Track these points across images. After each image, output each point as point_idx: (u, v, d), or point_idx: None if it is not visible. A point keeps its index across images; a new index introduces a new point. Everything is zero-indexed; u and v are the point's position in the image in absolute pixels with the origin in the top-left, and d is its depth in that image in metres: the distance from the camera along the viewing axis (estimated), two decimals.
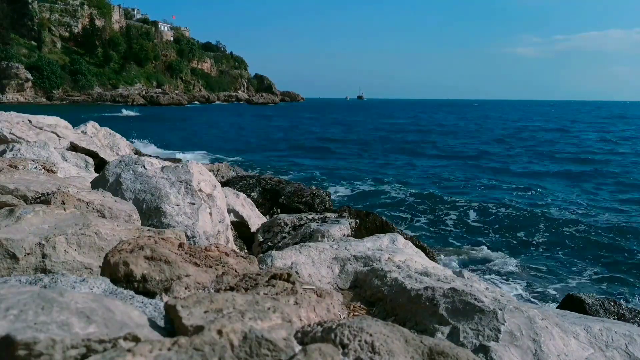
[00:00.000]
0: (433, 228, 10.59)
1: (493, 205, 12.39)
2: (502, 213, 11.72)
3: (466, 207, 12.22)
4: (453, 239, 9.74)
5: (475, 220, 11.18)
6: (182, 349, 0.85)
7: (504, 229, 10.50)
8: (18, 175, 2.87)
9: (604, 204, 13.25)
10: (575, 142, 31.23)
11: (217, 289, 1.49)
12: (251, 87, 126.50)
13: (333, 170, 18.16)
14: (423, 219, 11.41)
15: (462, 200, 13.03)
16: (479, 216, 11.49)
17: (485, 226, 10.72)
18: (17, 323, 0.84)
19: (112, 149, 7.70)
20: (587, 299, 4.29)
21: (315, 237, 4.10)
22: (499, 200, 13.13)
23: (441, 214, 11.73)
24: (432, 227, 10.64)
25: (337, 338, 1.04)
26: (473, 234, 10.16)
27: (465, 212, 11.79)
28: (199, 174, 3.41)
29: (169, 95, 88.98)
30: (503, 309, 1.97)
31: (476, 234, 10.15)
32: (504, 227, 10.64)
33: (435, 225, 10.79)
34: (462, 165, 20.60)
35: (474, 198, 13.50)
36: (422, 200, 13.03)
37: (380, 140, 31.31)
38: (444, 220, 11.19)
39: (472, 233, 10.24)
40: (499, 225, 10.76)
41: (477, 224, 10.87)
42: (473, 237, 9.88)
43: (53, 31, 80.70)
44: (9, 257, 1.64)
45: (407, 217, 11.47)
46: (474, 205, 12.46)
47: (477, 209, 12.05)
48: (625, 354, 2.01)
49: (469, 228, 10.61)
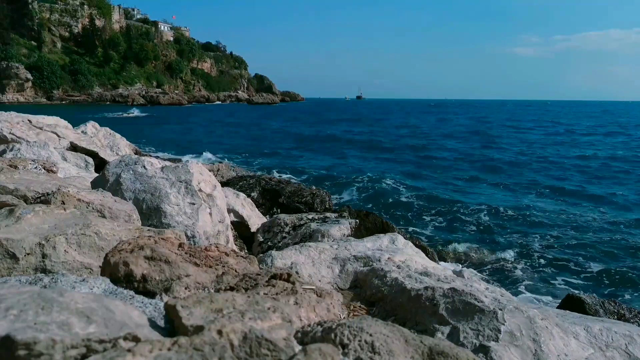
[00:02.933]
0: (433, 228, 10.60)
1: (493, 205, 12.40)
2: (502, 213, 11.73)
3: (466, 207, 12.22)
4: (453, 239, 9.74)
5: (476, 220, 11.18)
6: (182, 349, 0.85)
7: (503, 229, 10.50)
8: (18, 175, 2.87)
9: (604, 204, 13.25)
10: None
11: (217, 289, 1.49)
12: (251, 87, 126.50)
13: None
14: (423, 218, 11.41)
15: (463, 200, 13.04)
16: (479, 216, 11.49)
17: (485, 226, 10.72)
18: (17, 323, 0.84)
19: (112, 149, 7.71)
20: (587, 299, 4.29)
21: (315, 237, 4.10)
22: (499, 200, 13.13)
23: (441, 214, 11.73)
24: (432, 227, 10.64)
25: (337, 338, 1.04)
26: (473, 234, 10.16)
27: (465, 213, 11.79)
28: (199, 174, 3.41)
29: (169, 95, 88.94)
30: (503, 309, 1.97)
31: (476, 234, 10.15)
32: (504, 227, 10.64)
33: (435, 225, 10.79)
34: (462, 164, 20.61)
35: (475, 198, 13.51)
36: (422, 200, 13.04)
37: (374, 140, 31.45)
38: (444, 220, 11.19)
39: (472, 233, 10.24)
40: (499, 226, 10.76)
41: (477, 224, 10.87)
42: (473, 237, 9.88)
43: (53, 31, 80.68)
44: (9, 257, 1.64)
45: (407, 217, 11.47)
46: (474, 205, 12.47)
47: (477, 209, 12.06)
48: (625, 354, 2.01)
49: (469, 228, 10.61)
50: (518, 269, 8.08)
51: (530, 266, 8.25)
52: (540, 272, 8.04)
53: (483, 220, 11.13)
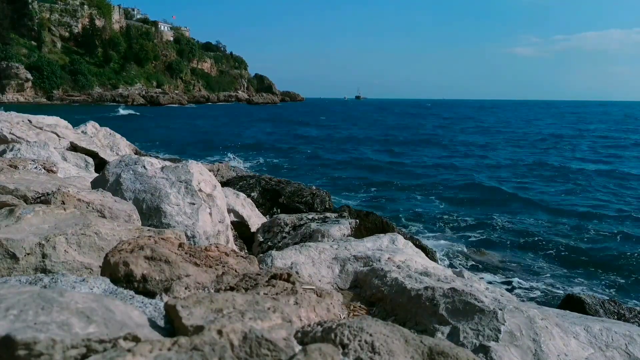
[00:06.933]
0: (433, 228, 10.60)
1: (493, 206, 12.40)
2: (502, 213, 11.73)
3: (466, 208, 12.23)
4: (453, 239, 9.74)
5: (476, 220, 11.18)
6: (182, 349, 0.85)
7: (504, 229, 10.50)
8: (18, 175, 2.87)
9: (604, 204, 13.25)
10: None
11: (217, 289, 1.49)
12: (251, 87, 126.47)
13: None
14: (423, 218, 11.41)
15: (463, 201, 13.04)
16: (479, 216, 11.49)
17: (485, 226, 10.73)
18: (17, 323, 0.84)
19: (112, 149, 7.71)
20: (587, 299, 4.29)
21: (315, 237, 4.10)
22: (499, 200, 13.14)
23: (442, 214, 11.73)
24: (432, 227, 10.64)
25: (337, 338, 1.04)
26: (473, 234, 10.16)
27: (465, 213, 11.80)
28: (199, 174, 3.41)
29: (169, 95, 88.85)
30: (503, 309, 1.97)
31: (476, 234, 10.15)
32: (504, 227, 10.64)
33: (435, 225, 10.79)
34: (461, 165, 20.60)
35: (474, 199, 13.51)
36: (423, 200, 13.04)
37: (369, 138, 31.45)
38: (445, 220, 11.19)
39: (472, 233, 10.24)
40: (499, 225, 10.76)
41: (477, 224, 10.87)
42: (473, 237, 9.88)
43: (53, 31, 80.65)
44: (9, 257, 1.64)
45: (407, 217, 11.47)
46: (474, 205, 12.47)
47: (477, 210, 12.06)
48: (625, 354, 2.01)
49: (470, 228, 10.61)
50: (518, 269, 8.08)
51: (531, 266, 8.25)
52: (541, 272, 8.04)
53: (483, 221, 11.13)
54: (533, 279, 7.70)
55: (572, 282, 7.67)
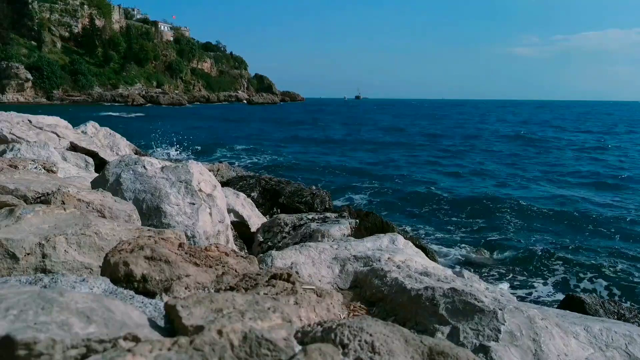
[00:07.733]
0: (433, 228, 10.59)
1: (493, 206, 12.40)
2: (502, 213, 11.73)
3: (467, 208, 12.22)
4: (453, 239, 9.74)
5: (476, 220, 11.18)
6: (182, 349, 0.85)
7: (504, 229, 10.50)
8: (18, 175, 2.87)
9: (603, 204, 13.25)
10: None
11: (217, 289, 1.49)
12: (251, 87, 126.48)
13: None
14: (423, 219, 11.41)
15: (463, 201, 13.04)
16: (480, 216, 11.49)
17: (485, 226, 10.72)
18: (17, 323, 0.84)
19: (112, 149, 7.71)
20: (587, 299, 4.29)
21: (315, 237, 4.10)
22: (499, 201, 13.13)
23: (442, 214, 11.73)
24: (432, 227, 10.64)
25: (337, 338, 1.04)
26: (474, 234, 10.16)
27: (465, 213, 11.80)
28: (199, 174, 3.42)
29: (169, 95, 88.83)
30: (503, 309, 1.97)
31: (476, 234, 10.15)
32: (504, 227, 10.64)
33: (435, 225, 10.79)
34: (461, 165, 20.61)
35: (474, 199, 13.50)
36: (423, 201, 13.04)
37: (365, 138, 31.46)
38: (445, 220, 11.19)
39: (472, 233, 10.24)
40: (499, 225, 10.76)
41: (477, 224, 10.87)
42: (473, 237, 9.88)
43: (53, 31, 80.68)
44: (9, 257, 1.64)
45: (407, 217, 11.47)
46: (474, 205, 12.46)
47: (477, 209, 12.06)
48: (625, 354, 2.01)
49: (470, 228, 10.61)
50: (518, 269, 8.08)
51: (531, 266, 8.25)
52: (541, 271, 8.04)
53: (483, 220, 11.13)
54: (533, 279, 7.70)
55: (572, 282, 7.67)
